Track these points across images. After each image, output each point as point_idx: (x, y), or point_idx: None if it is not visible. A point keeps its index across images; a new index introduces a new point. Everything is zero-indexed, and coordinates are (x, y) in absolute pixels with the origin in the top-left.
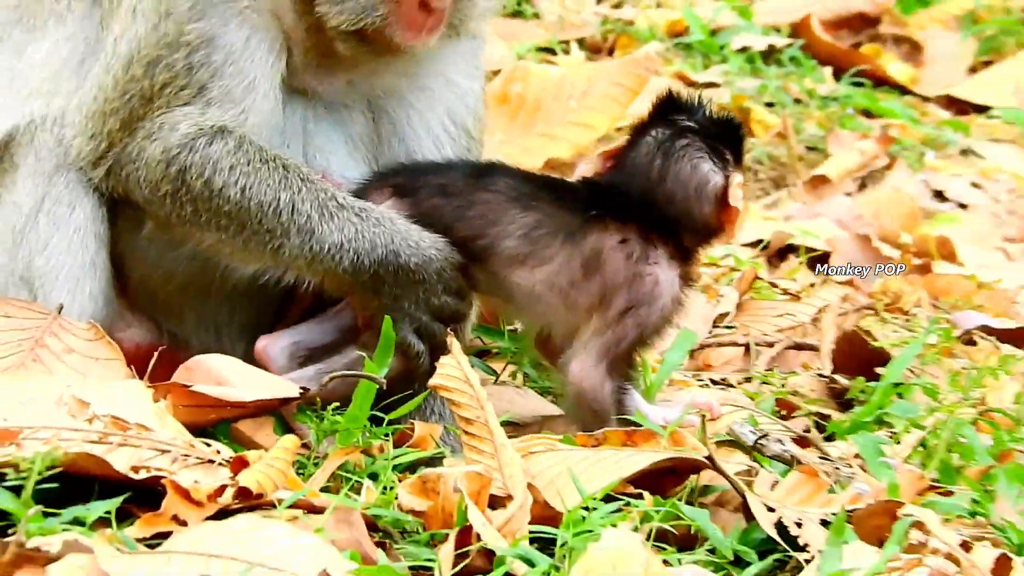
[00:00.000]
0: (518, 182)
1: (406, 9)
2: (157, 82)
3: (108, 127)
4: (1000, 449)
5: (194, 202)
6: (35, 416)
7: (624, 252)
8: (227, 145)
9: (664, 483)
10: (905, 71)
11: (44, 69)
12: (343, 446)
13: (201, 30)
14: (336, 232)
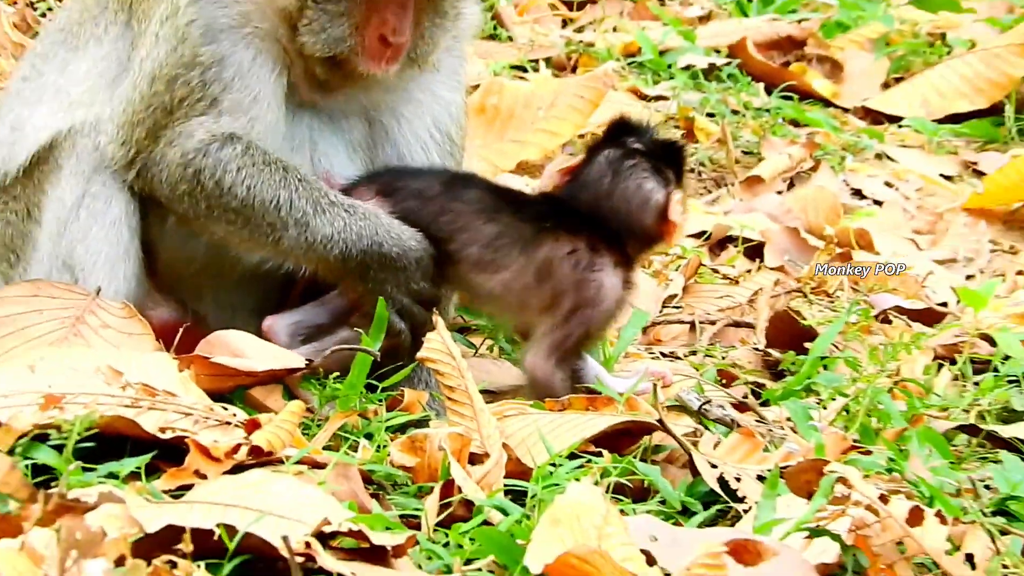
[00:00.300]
0: (486, 194)
1: (368, 42)
2: (176, 96)
3: (136, 135)
4: (913, 414)
5: (207, 199)
6: (76, 383)
7: (572, 260)
8: (235, 150)
9: (621, 443)
10: (827, 86)
11: (83, 83)
12: (342, 410)
13: (213, 52)
14: (327, 225)
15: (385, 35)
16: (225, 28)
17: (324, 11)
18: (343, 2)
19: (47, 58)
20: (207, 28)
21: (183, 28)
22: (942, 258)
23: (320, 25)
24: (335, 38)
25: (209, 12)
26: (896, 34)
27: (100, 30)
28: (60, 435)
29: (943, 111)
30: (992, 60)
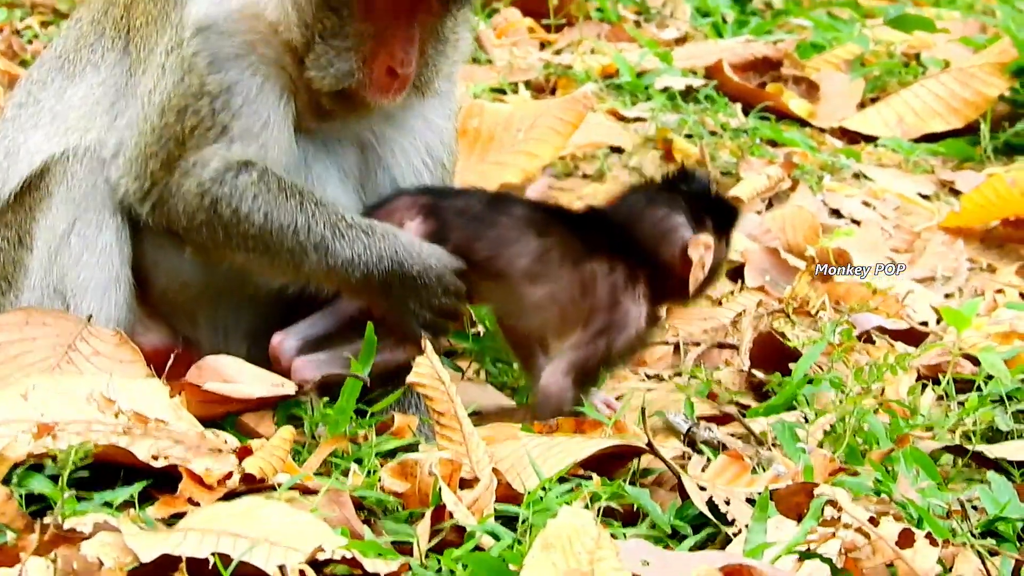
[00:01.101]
0: (532, 210)
1: (376, 75)
2: (187, 126)
3: (150, 168)
4: (898, 434)
5: (225, 228)
6: (69, 411)
7: (611, 280)
8: (251, 176)
9: (609, 466)
10: (804, 107)
11: (80, 109)
12: (333, 435)
13: (220, 80)
14: (347, 248)
15: (393, 67)
16: (231, 57)
17: (331, 47)
18: (350, 37)
19: (44, 85)
20: (213, 58)
21: (189, 59)
22: (921, 277)
23: (328, 60)
24: (343, 72)
25: (214, 42)
26: (871, 54)
27: (97, 56)
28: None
29: (919, 130)
30: (967, 80)
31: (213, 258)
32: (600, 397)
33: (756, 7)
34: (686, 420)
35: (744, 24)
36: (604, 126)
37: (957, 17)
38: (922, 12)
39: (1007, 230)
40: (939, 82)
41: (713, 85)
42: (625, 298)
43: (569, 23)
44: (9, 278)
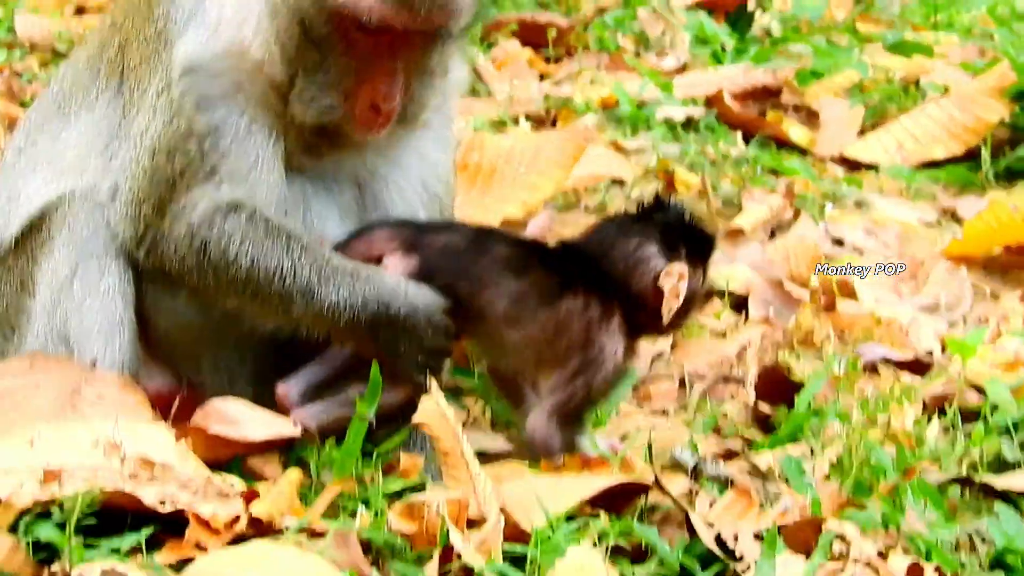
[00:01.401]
0: (512, 249)
1: (359, 110)
2: (177, 168)
3: (143, 212)
4: (905, 466)
5: (215, 272)
6: (74, 457)
7: (586, 317)
8: (239, 219)
9: (617, 503)
10: (804, 135)
11: (75, 151)
12: (339, 477)
13: (207, 121)
14: (333, 293)
15: (376, 102)
16: (218, 97)
17: (313, 82)
18: (332, 73)
19: (41, 128)
20: (200, 98)
21: (177, 100)
22: (925, 305)
23: (310, 95)
24: (325, 107)
25: (201, 83)
26: (870, 81)
27: (92, 97)
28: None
29: (920, 157)
30: (967, 105)
31: (208, 302)
32: (605, 442)
33: (755, 35)
34: (693, 456)
35: (743, 52)
36: (605, 158)
37: (955, 41)
38: (920, 37)
39: (1010, 256)
40: (939, 107)
41: (713, 115)
42: (600, 335)
43: (568, 54)
44: (12, 323)
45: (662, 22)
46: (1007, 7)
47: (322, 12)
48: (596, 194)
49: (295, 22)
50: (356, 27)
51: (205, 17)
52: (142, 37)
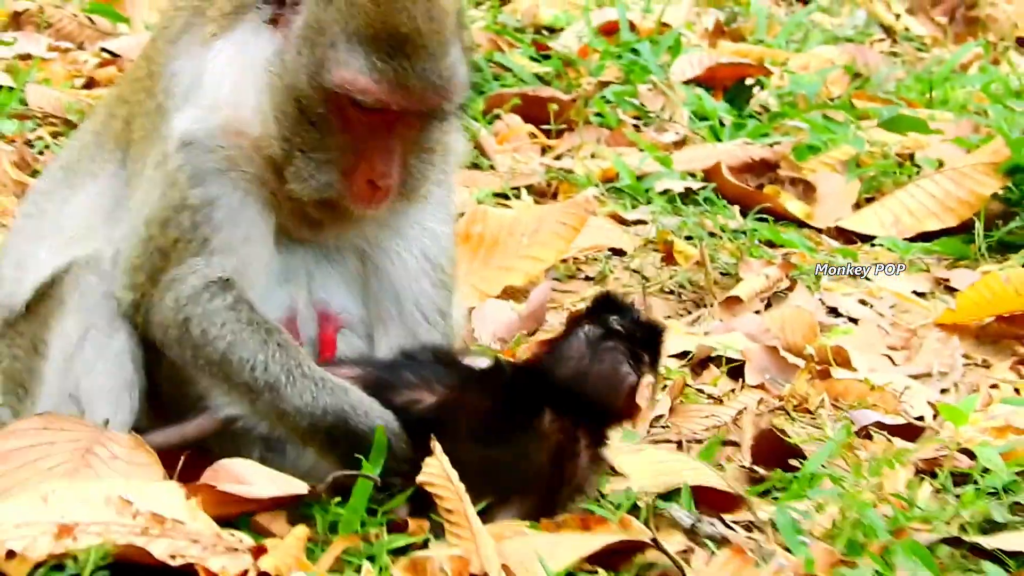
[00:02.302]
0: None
1: (357, 187)
2: (169, 238)
3: (138, 280)
4: (897, 527)
5: (193, 347)
6: (88, 513)
7: (553, 441)
8: (225, 301)
9: (615, 561)
10: (801, 207)
11: (80, 219)
12: (345, 533)
13: (201, 195)
14: (297, 396)
15: (373, 179)
16: (212, 172)
17: (311, 159)
18: (330, 151)
19: (49, 195)
20: (195, 172)
21: (172, 173)
22: (917, 373)
23: (308, 172)
24: (322, 184)
25: (196, 157)
26: (866, 155)
27: (96, 167)
28: (76, 565)
29: (914, 229)
30: (960, 179)
31: (184, 375)
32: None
33: (753, 110)
34: (689, 515)
35: (741, 127)
36: (605, 229)
37: (950, 118)
38: (915, 113)
39: (1002, 326)
40: (933, 182)
41: (712, 187)
42: (567, 458)
43: (569, 128)
44: (25, 385)
45: (662, 98)
46: (1001, 84)
47: (319, 92)
48: (596, 264)
49: (292, 101)
50: (352, 106)
51: (202, 93)
52: (144, 111)
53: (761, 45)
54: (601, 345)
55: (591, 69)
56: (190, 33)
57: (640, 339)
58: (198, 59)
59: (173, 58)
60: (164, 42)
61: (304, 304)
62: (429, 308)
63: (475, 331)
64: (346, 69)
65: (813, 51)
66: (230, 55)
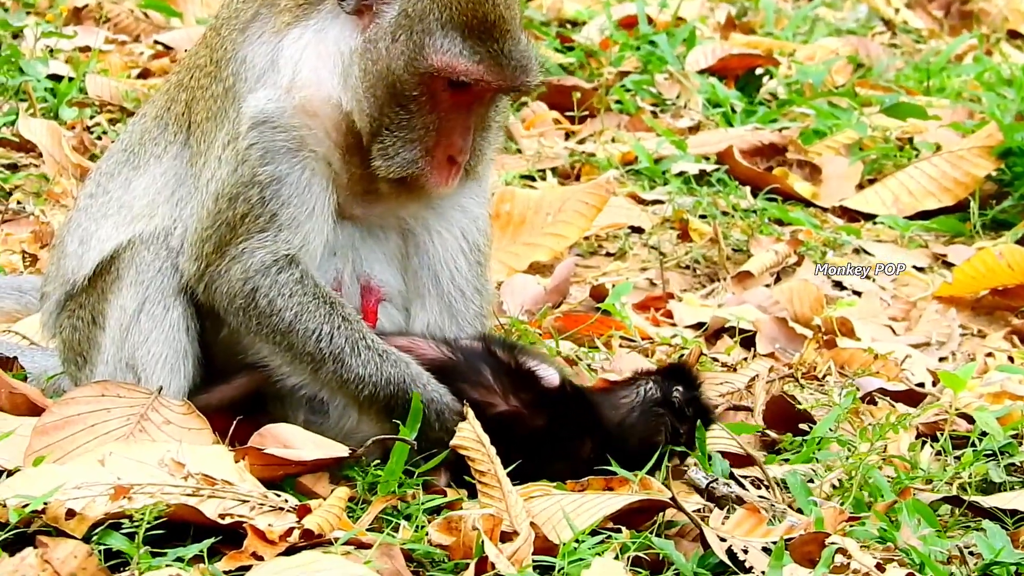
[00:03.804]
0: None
1: (437, 163)
2: (238, 213)
3: (205, 251)
4: (901, 487)
5: (259, 317)
6: (142, 475)
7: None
8: (292, 275)
9: (637, 519)
10: (808, 188)
11: (144, 198)
12: (384, 494)
13: (271, 172)
14: (361, 366)
15: (453, 155)
16: (283, 150)
17: (397, 138)
18: (416, 129)
19: (112, 176)
20: (266, 150)
21: (243, 151)
22: (917, 342)
23: (395, 150)
24: (408, 161)
25: (268, 136)
26: (869, 139)
27: (160, 148)
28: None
29: (913, 208)
30: (957, 162)
31: (244, 344)
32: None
33: (762, 98)
34: (706, 476)
35: (752, 113)
36: (625, 208)
37: (946, 104)
38: (914, 100)
39: (996, 299)
40: (931, 164)
41: (724, 169)
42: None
43: (591, 115)
44: (84, 354)
45: (677, 86)
46: (993, 73)
47: (415, 76)
48: (617, 241)
49: (386, 85)
50: (444, 88)
51: (277, 76)
52: (209, 95)
53: (770, 37)
54: (652, 408)
55: (612, 60)
56: (261, 21)
57: (688, 417)
58: (271, 45)
59: (243, 44)
60: (232, 30)
61: (349, 276)
62: (465, 285)
63: (504, 304)
64: (446, 54)
65: (818, 43)
66: (308, 40)
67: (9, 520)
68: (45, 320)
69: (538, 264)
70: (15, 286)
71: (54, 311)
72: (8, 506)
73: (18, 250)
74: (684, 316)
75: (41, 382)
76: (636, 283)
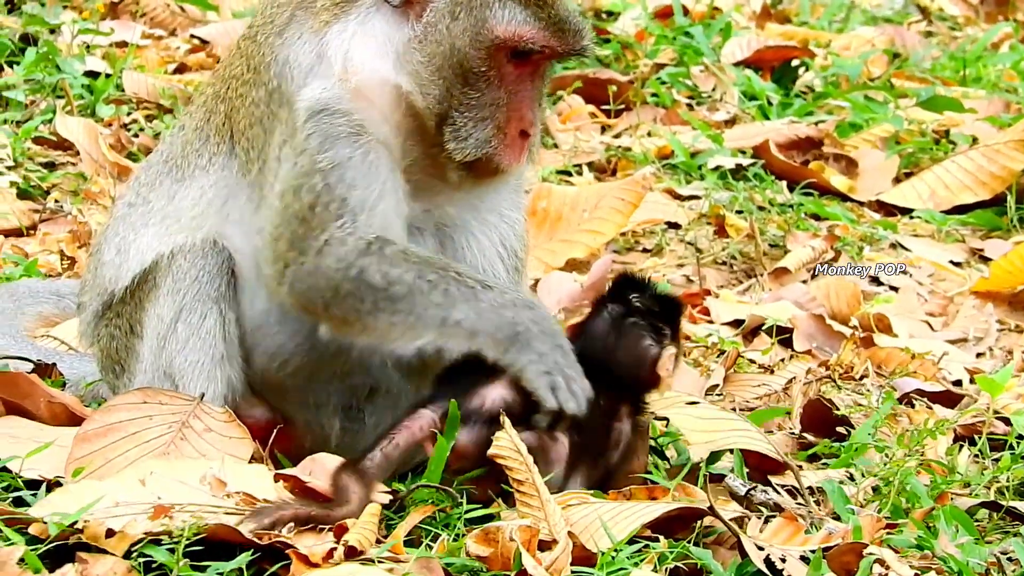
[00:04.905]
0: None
1: (510, 139)
2: (304, 203)
3: (280, 249)
4: (938, 492)
5: (374, 293)
6: (182, 494)
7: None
8: (396, 248)
9: (675, 527)
10: (844, 182)
11: (193, 210)
12: (422, 506)
13: (330, 157)
14: (492, 312)
15: (524, 128)
16: (342, 135)
17: (468, 117)
18: (486, 107)
19: (152, 186)
20: (325, 136)
21: (301, 143)
22: (954, 338)
23: (467, 131)
24: (481, 140)
25: (325, 123)
26: (905, 133)
27: (204, 160)
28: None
29: (950, 203)
30: (993, 155)
31: (354, 331)
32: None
33: (799, 90)
34: (744, 484)
35: (788, 106)
36: (661, 204)
37: (983, 95)
38: (950, 92)
39: None
40: (968, 158)
41: (761, 164)
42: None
43: (627, 108)
44: (123, 363)
45: (713, 79)
46: None
47: (481, 50)
48: (653, 237)
49: (450, 64)
50: (508, 59)
51: (329, 67)
52: (249, 101)
53: (805, 26)
54: (624, 323)
55: (647, 52)
56: (298, 23)
57: (659, 313)
58: (313, 43)
59: (283, 47)
60: (269, 35)
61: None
62: None
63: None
64: (510, 23)
65: (854, 32)
66: (353, 31)
67: (49, 534)
68: (83, 330)
69: (575, 261)
70: (53, 290)
71: (92, 321)
72: (48, 521)
73: (56, 250)
74: (721, 312)
75: (79, 388)
76: (672, 279)
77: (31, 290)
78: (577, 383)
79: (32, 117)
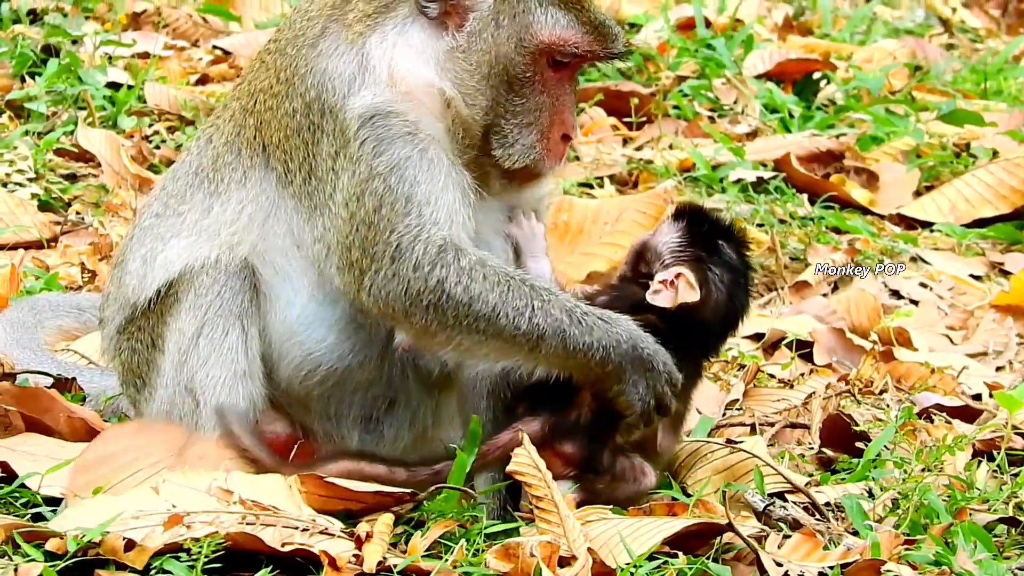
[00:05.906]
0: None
1: (552, 143)
2: (369, 208)
3: (352, 258)
4: (956, 507)
5: (456, 307)
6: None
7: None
8: (471, 258)
9: (693, 544)
10: (865, 195)
11: (234, 224)
12: (442, 520)
13: (387, 160)
14: (586, 334)
15: (566, 132)
16: (398, 136)
17: (515, 124)
18: (530, 113)
19: (182, 199)
20: (379, 141)
21: (355, 151)
22: (974, 351)
23: (513, 137)
24: (527, 147)
25: (378, 128)
26: (926, 146)
27: (239, 174)
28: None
29: (970, 216)
30: (1014, 169)
31: (436, 342)
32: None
33: (820, 103)
34: (763, 499)
35: (809, 119)
36: None
37: (1003, 108)
38: (971, 104)
39: None
40: (988, 171)
41: (782, 177)
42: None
43: (649, 120)
44: (144, 377)
45: (735, 91)
46: None
47: (525, 55)
48: None
49: (496, 72)
50: (548, 64)
51: (374, 75)
52: (281, 113)
53: (827, 39)
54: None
55: (669, 64)
56: (332, 36)
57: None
58: (352, 54)
59: (318, 58)
60: (302, 47)
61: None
62: None
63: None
64: (553, 27)
65: (876, 44)
66: (393, 41)
67: (68, 550)
68: (105, 345)
69: (596, 274)
70: (74, 304)
71: (114, 335)
72: (66, 536)
73: (77, 263)
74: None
75: (99, 402)
76: None
77: (51, 303)
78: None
79: (54, 128)
